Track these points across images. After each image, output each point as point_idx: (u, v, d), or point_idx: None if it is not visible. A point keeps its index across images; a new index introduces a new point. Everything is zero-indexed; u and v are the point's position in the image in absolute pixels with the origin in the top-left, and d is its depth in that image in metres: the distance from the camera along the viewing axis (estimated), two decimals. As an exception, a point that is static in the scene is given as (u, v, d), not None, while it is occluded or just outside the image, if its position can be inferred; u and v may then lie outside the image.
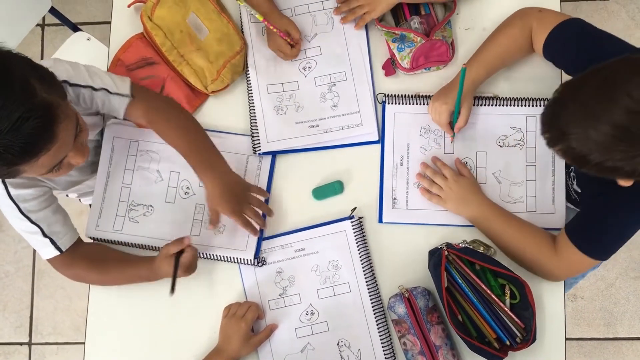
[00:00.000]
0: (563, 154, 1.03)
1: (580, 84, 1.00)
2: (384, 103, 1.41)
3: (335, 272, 1.36)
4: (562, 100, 1.01)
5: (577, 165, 1.03)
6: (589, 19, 2.28)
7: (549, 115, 1.04)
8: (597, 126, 0.94)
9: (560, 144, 1.01)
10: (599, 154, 0.96)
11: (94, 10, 2.43)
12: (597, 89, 0.96)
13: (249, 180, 1.40)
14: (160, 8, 1.40)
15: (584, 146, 0.97)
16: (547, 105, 1.05)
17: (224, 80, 1.40)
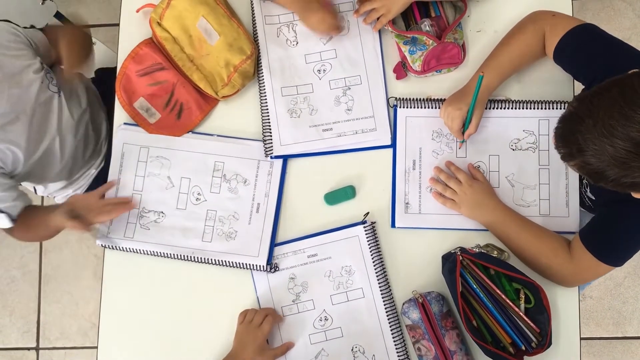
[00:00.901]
0: (579, 169, 1.02)
1: (595, 98, 0.98)
2: (395, 107, 1.40)
3: (348, 278, 1.36)
4: (577, 115, 0.99)
5: (593, 181, 1.02)
6: (596, 17, 2.32)
7: (563, 131, 1.02)
8: (615, 142, 0.93)
9: (576, 159, 1.00)
10: (617, 170, 0.95)
11: (97, 12, 2.41)
12: (613, 104, 0.94)
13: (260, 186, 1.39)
14: (170, 13, 1.39)
15: (601, 162, 0.96)
16: (561, 120, 1.03)
17: (234, 85, 1.39)
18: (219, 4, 1.38)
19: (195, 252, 1.38)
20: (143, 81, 1.42)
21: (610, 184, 0.99)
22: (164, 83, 1.42)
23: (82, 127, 1.53)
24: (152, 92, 1.42)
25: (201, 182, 1.41)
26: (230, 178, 1.41)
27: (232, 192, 1.40)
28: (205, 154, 1.41)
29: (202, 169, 1.41)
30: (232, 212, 1.40)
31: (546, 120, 1.36)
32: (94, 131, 1.61)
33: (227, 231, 1.39)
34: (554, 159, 1.36)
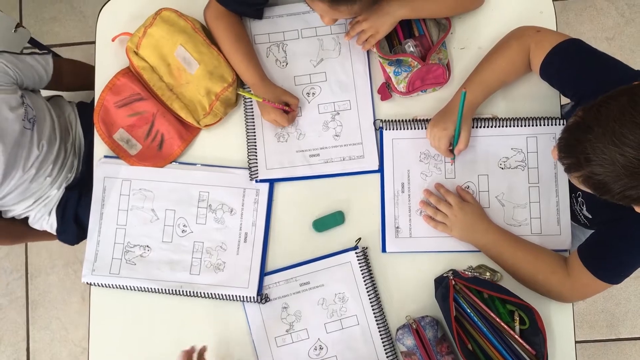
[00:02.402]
0: (584, 180, 0.99)
1: (603, 107, 0.95)
2: (381, 129, 1.38)
3: (342, 305, 1.34)
4: (584, 124, 0.96)
5: (599, 193, 0.99)
6: (578, 17, 2.31)
7: (569, 140, 1.00)
8: (625, 151, 0.90)
9: (582, 170, 0.97)
10: (626, 181, 0.93)
11: (72, 30, 2.36)
12: (623, 112, 0.92)
13: (247, 215, 1.37)
14: (147, 41, 1.35)
15: (610, 172, 0.93)
16: (566, 130, 1.01)
17: (216, 114, 1.36)
18: (197, 31, 1.35)
19: (184, 286, 1.35)
20: (122, 112, 1.38)
21: (616, 196, 0.96)
22: (144, 113, 1.38)
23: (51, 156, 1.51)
24: (132, 123, 1.39)
25: (186, 214, 1.38)
26: (216, 208, 1.38)
27: (219, 223, 1.37)
28: (190, 184, 1.38)
29: (187, 200, 1.38)
30: (219, 243, 1.37)
31: (534, 138, 1.35)
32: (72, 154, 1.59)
33: (215, 263, 1.36)
34: (544, 177, 1.34)
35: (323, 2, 1.12)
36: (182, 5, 1.40)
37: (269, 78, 1.38)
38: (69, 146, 1.58)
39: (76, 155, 1.61)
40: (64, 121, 1.60)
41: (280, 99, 1.34)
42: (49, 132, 1.48)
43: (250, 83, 1.36)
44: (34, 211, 1.59)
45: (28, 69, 1.47)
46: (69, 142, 1.59)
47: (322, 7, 1.14)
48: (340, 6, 1.13)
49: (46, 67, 1.53)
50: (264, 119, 1.37)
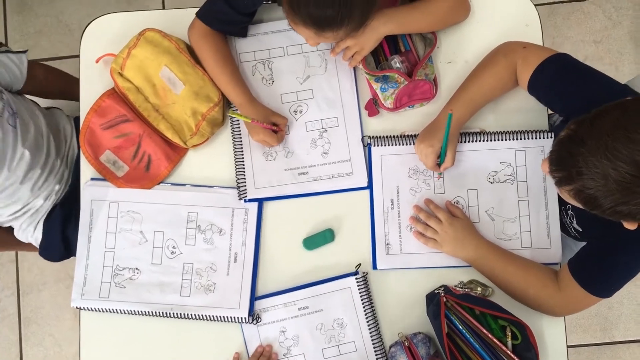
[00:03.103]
0: (575, 194, 0.99)
1: (597, 120, 0.95)
2: (370, 145, 1.37)
3: (340, 331, 1.33)
4: (577, 137, 0.96)
5: (589, 208, 0.99)
6: (566, 22, 2.30)
7: (560, 153, 0.99)
8: (618, 165, 0.90)
9: (573, 184, 0.97)
10: (617, 196, 0.92)
11: (59, 44, 2.34)
12: (616, 127, 0.92)
13: (236, 235, 1.36)
14: (131, 63, 1.34)
15: (601, 187, 0.93)
16: (558, 143, 1.00)
17: (203, 134, 1.35)
18: (181, 52, 1.34)
19: (174, 308, 1.34)
20: (108, 134, 1.37)
21: (607, 211, 0.96)
22: (130, 135, 1.37)
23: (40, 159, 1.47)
24: (118, 144, 1.37)
25: (175, 235, 1.37)
26: (205, 229, 1.37)
27: (208, 243, 1.36)
28: (178, 205, 1.37)
29: (176, 221, 1.37)
30: (209, 263, 1.36)
31: (522, 151, 1.34)
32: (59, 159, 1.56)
33: (205, 284, 1.35)
34: (533, 190, 1.34)
35: (308, 28, 1.11)
36: (167, 25, 1.39)
37: (255, 97, 1.37)
38: (62, 157, 1.55)
39: (67, 167, 1.59)
40: (58, 132, 1.57)
41: (268, 119, 1.34)
42: (35, 134, 1.44)
43: (237, 103, 1.35)
44: (20, 220, 1.56)
45: (1, 66, 1.41)
46: (62, 153, 1.56)
47: (307, 33, 1.14)
48: (325, 32, 1.12)
49: (20, 67, 1.46)
50: (253, 140, 1.36)
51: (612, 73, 2.23)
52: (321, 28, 1.10)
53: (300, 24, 1.11)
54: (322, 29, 1.11)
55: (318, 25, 1.09)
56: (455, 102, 1.30)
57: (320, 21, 1.08)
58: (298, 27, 1.13)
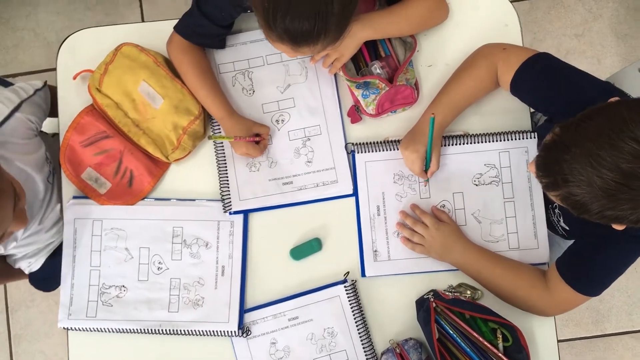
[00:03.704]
0: (562, 199, 0.98)
1: (582, 126, 0.94)
2: (353, 152, 1.36)
3: (331, 340, 1.32)
4: (562, 144, 0.95)
5: (577, 213, 0.98)
6: (546, 16, 2.30)
7: (546, 159, 0.98)
8: (603, 173, 0.89)
9: (560, 190, 0.97)
10: (603, 202, 0.92)
11: (37, 58, 2.31)
12: (601, 134, 0.91)
13: (223, 248, 1.35)
14: (109, 78, 1.32)
15: (587, 193, 0.92)
16: (544, 148, 0.99)
17: (185, 147, 1.34)
18: (159, 65, 1.32)
19: (163, 324, 1.33)
20: (88, 151, 1.35)
21: (594, 216, 0.95)
22: (111, 151, 1.35)
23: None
24: (100, 161, 1.36)
25: (161, 250, 1.35)
26: (191, 243, 1.36)
27: (195, 258, 1.35)
28: (162, 220, 1.36)
29: (161, 237, 1.36)
30: (196, 278, 1.35)
31: (506, 152, 1.34)
32: None
33: (193, 299, 1.34)
34: (518, 191, 1.34)
35: (284, 44, 1.10)
36: (145, 39, 1.38)
37: (236, 109, 1.35)
38: None
39: None
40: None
41: (250, 131, 1.32)
42: None
43: (217, 117, 1.33)
44: (24, 250, 1.52)
45: (39, 110, 1.37)
46: None
47: (284, 48, 1.13)
48: (302, 47, 1.11)
49: (47, 100, 1.42)
50: (236, 153, 1.35)
51: (594, 66, 2.24)
52: (297, 43, 1.09)
53: (276, 39, 1.10)
54: (299, 44, 1.10)
55: (294, 40, 1.08)
56: (436, 105, 1.29)
57: (296, 36, 1.07)
58: (274, 43, 1.12)
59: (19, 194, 1.09)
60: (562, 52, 2.28)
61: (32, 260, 1.55)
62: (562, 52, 2.28)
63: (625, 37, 2.29)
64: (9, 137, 1.26)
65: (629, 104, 0.94)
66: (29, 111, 1.32)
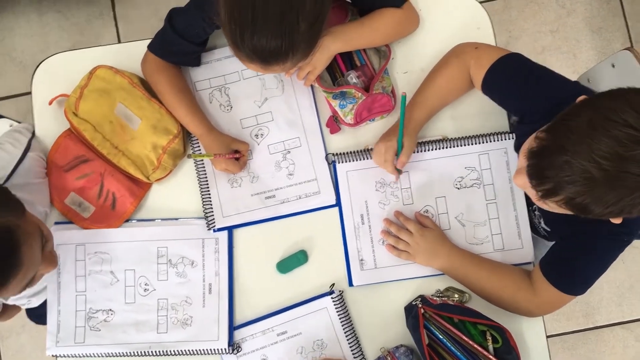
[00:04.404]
0: (565, 203, 0.96)
1: (567, 126, 0.94)
2: (334, 163, 1.36)
3: (321, 352, 1.32)
4: (555, 146, 0.94)
5: (580, 213, 0.97)
6: (520, 14, 2.32)
7: (540, 166, 0.96)
8: (602, 165, 0.89)
9: (561, 194, 0.95)
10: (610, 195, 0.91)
11: (12, 81, 2.29)
12: (593, 128, 0.90)
13: (209, 265, 1.34)
14: (84, 102, 1.31)
15: (592, 190, 0.91)
16: (534, 156, 0.98)
17: (166, 167, 1.33)
18: (135, 86, 1.32)
19: (152, 346, 1.32)
20: (70, 176, 1.34)
21: (599, 213, 0.94)
22: (91, 174, 1.35)
23: None
24: (82, 185, 1.35)
25: (147, 272, 1.35)
26: (176, 262, 1.35)
27: (181, 277, 1.35)
28: (146, 241, 1.35)
29: (146, 258, 1.35)
30: (184, 297, 1.34)
31: (486, 154, 1.35)
32: None
33: (181, 318, 1.33)
34: (500, 192, 1.35)
35: (254, 62, 1.11)
36: (121, 59, 1.37)
37: (215, 126, 1.35)
38: None
39: None
40: None
41: (229, 147, 1.32)
42: None
43: (196, 134, 1.33)
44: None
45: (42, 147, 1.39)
46: None
47: (254, 67, 1.13)
48: (271, 65, 1.11)
49: None
50: (216, 170, 1.34)
51: (570, 61, 2.27)
52: (267, 62, 1.09)
53: (245, 59, 1.10)
54: (268, 63, 1.10)
55: (263, 59, 1.08)
56: (411, 105, 1.30)
57: (264, 55, 1.07)
58: (245, 62, 1.12)
59: (47, 236, 1.10)
60: (537, 49, 2.30)
61: (33, 298, 1.51)
62: (537, 49, 2.30)
63: (599, 30, 2.32)
64: (27, 179, 1.27)
65: (610, 95, 0.95)
66: (38, 148, 1.34)
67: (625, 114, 0.89)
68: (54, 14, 2.32)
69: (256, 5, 1.02)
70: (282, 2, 1.03)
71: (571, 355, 2.20)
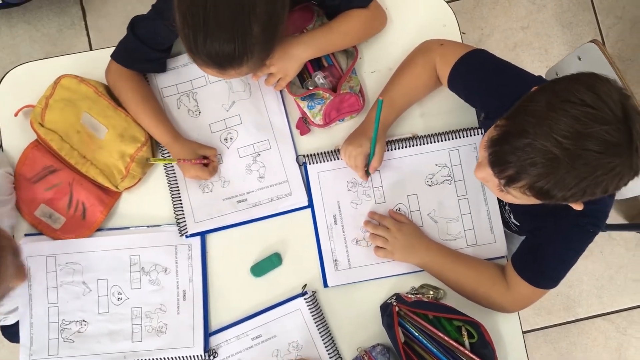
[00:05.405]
0: (528, 188, 0.96)
1: (526, 111, 0.94)
2: (305, 164, 1.36)
3: (297, 354, 1.31)
4: (516, 131, 0.94)
5: (542, 198, 0.97)
6: (492, 11, 2.34)
7: (502, 152, 0.96)
8: (565, 144, 0.89)
9: (522, 180, 0.95)
10: (573, 175, 0.91)
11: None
12: (552, 109, 0.91)
13: (182, 272, 1.33)
14: (50, 112, 1.30)
15: (554, 171, 0.91)
16: (496, 143, 0.98)
17: (134, 175, 1.32)
18: (100, 95, 1.31)
19: (127, 355, 1.31)
20: (38, 187, 1.33)
21: (563, 196, 0.94)
22: (60, 185, 1.33)
23: None
24: (51, 196, 1.33)
25: (120, 281, 1.33)
26: (149, 270, 1.34)
27: (155, 284, 1.34)
28: (118, 249, 1.34)
29: (118, 267, 1.34)
30: (158, 305, 1.33)
31: (456, 151, 1.35)
32: None
33: (156, 326, 1.32)
34: (471, 188, 1.35)
35: (210, 67, 1.11)
36: (89, 68, 1.37)
37: (184, 132, 1.35)
38: None
39: None
40: None
41: (196, 154, 1.32)
42: None
43: (163, 142, 1.33)
44: None
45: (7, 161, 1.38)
46: None
47: (211, 72, 1.13)
48: (227, 70, 1.11)
49: None
50: (186, 177, 1.34)
51: (542, 56, 2.28)
52: (222, 66, 1.09)
53: (202, 64, 1.10)
54: (223, 67, 1.10)
55: (218, 64, 1.08)
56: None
57: (219, 60, 1.07)
58: (202, 67, 1.12)
59: (16, 250, 1.10)
60: (509, 45, 2.31)
61: (10, 315, 1.50)
62: (510, 46, 2.31)
63: (570, 25, 2.34)
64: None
65: (566, 79, 0.96)
66: (6, 163, 1.33)
67: (582, 94, 0.90)
68: (23, 25, 2.30)
69: (207, 9, 1.02)
70: (232, 6, 1.03)
71: (553, 348, 2.21)
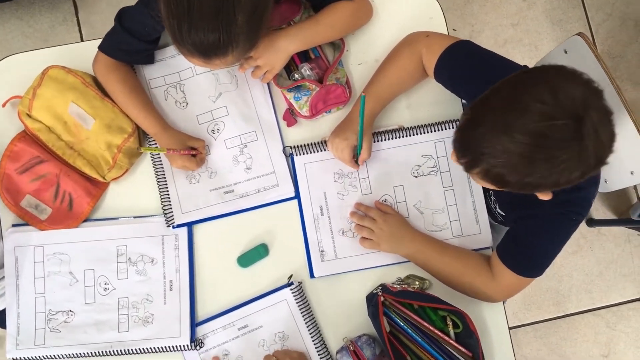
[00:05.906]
0: (483, 176, 1.00)
1: (490, 99, 0.98)
2: (292, 155, 1.37)
3: (283, 344, 1.32)
4: (474, 120, 0.99)
5: (499, 185, 1.00)
6: (482, 8, 2.35)
7: (462, 139, 1.02)
8: (515, 137, 0.91)
9: (479, 166, 0.99)
10: (521, 168, 0.94)
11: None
12: (509, 101, 0.94)
13: (169, 262, 1.34)
14: (38, 102, 1.30)
15: (505, 162, 0.94)
16: (458, 130, 1.03)
17: (121, 166, 1.33)
18: (88, 86, 1.31)
19: (114, 345, 1.32)
20: (24, 178, 1.33)
21: (516, 186, 0.98)
22: (47, 175, 1.34)
23: None
24: (37, 187, 1.34)
25: (106, 271, 1.34)
26: (136, 260, 1.34)
27: (141, 275, 1.34)
28: (105, 240, 1.35)
29: (105, 257, 1.34)
30: (144, 295, 1.33)
31: (442, 142, 1.36)
32: None
33: (143, 316, 1.33)
34: (457, 179, 1.36)
35: (195, 57, 1.11)
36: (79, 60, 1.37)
37: (171, 123, 1.35)
38: None
39: None
40: None
41: (184, 144, 1.32)
42: None
43: (151, 133, 1.33)
44: None
45: None
46: None
47: (196, 62, 1.14)
48: (212, 60, 1.11)
49: None
50: (173, 167, 1.34)
51: (532, 53, 2.29)
52: (207, 56, 1.10)
53: (187, 53, 1.11)
54: (209, 57, 1.10)
55: (203, 53, 1.09)
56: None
57: (204, 49, 1.08)
58: (187, 57, 1.13)
59: None
60: (500, 42, 2.32)
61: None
62: (500, 42, 2.32)
63: (560, 22, 2.35)
64: None
65: (529, 71, 0.99)
66: None
67: (539, 88, 0.92)
68: (16, 20, 2.30)
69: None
70: None
71: (543, 343, 2.22)
